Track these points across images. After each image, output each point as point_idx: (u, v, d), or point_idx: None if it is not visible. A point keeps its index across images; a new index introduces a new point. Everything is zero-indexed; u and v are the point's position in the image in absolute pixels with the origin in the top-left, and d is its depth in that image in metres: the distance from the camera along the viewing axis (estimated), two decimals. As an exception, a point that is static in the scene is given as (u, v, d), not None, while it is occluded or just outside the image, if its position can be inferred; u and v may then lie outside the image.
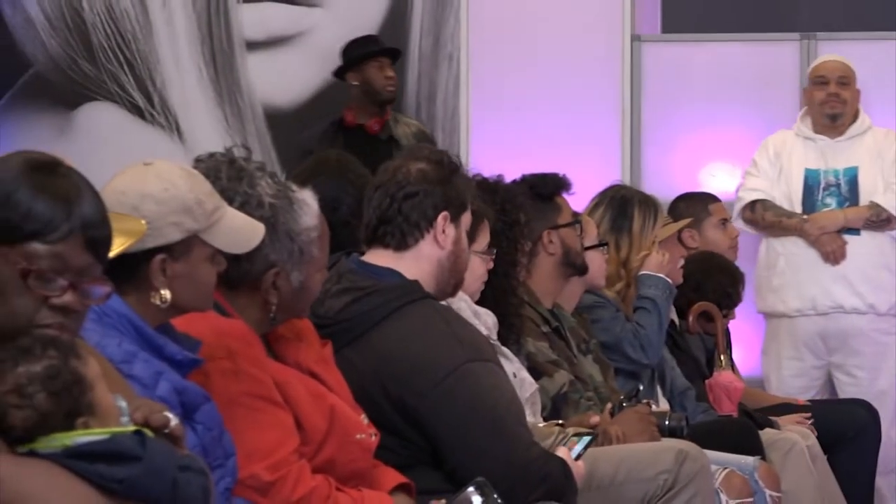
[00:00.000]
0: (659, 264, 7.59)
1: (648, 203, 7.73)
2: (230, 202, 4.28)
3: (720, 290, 8.23)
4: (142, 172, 4.07)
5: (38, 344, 3.22)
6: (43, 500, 3.11)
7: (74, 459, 3.11)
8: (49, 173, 3.34)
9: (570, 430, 5.53)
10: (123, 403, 3.27)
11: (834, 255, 8.71)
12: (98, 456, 3.13)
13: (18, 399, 3.17)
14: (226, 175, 4.43)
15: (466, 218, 5.34)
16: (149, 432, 3.29)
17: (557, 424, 5.80)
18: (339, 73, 9.94)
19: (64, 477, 3.11)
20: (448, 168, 5.35)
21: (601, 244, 7.25)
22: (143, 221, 3.92)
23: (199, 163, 4.58)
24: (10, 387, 3.17)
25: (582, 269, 6.91)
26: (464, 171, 5.68)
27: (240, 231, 4.17)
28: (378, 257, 5.16)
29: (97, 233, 3.33)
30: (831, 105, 8.86)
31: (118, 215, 3.72)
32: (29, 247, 3.26)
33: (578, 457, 5.14)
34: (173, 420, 3.24)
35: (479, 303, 5.94)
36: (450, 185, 5.26)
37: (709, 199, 8.73)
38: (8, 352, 3.21)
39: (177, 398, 3.86)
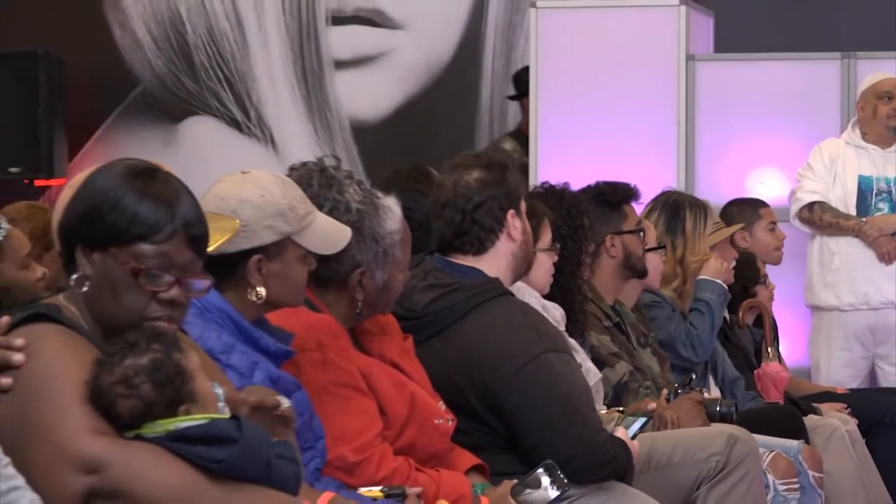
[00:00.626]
0: (717, 271, 7.54)
1: (698, 205, 7.72)
2: (320, 207, 4.40)
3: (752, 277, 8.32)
4: (240, 180, 4.21)
5: (143, 338, 3.36)
6: (149, 480, 3.26)
7: (177, 442, 3.28)
8: (150, 179, 3.49)
9: (633, 415, 5.63)
10: (220, 391, 3.44)
11: (889, 256, 8.68)
12: (198, 439, 3.30)
13: (126, 389, 3.33)
14: (317, 182, 4.53)
15: (523, 204, 5.43)
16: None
17: (618, 411, 5.75)
18: (514, 97, 9.98)
19: (168, 458, 3.26)
20: (499, 168, 5.43)
21: (660, 247, 7.27)
22: (236, 220, 4.08)
23: (292, 171, 4.70)
24: (119, 378, 3.32)
25: (642, 273, 6.97)
26: (510, 163, 5.75)
27: (329, 234, 4.29)
28: (459, 258, 5.28)
29: (197, 231, 3.48)
30: (870, 116, 8.81)
31: (213, 214, 3.89)
32: (137, 247, 3.41)
33: (634, 436, 5.28)
34: (285, 402, 3.45)
35: (546, 298, 5.98)
36: (507, 184, 5.33)
37: (759, 204, 8.62)
38: (117, 346, 3.37)
39: (271, 386, 3.97)
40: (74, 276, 3.53)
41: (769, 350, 8.09)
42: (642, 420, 5.54)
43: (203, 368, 3.51)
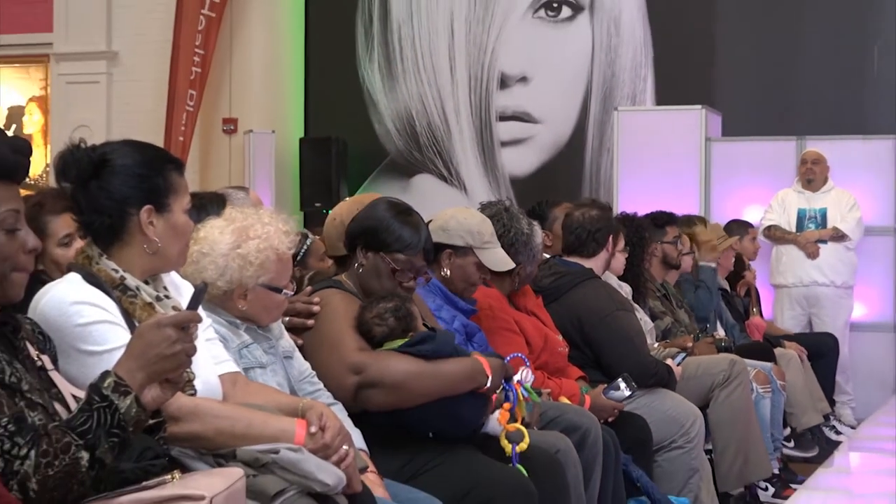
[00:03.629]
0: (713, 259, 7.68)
1: (703, 221, 8.06)
2: (508, 230, 4.87)
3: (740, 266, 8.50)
4: (456, 210, 4.76)
5: (390, 295, 3.79)
6: (393, 370, 3.65)
7: (406, 348, 3.68)
8: (407, 214, 3.93)
9: (673, 349, 6.06)
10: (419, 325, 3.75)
11: (813, 254, 9.16)
12: (414, 344, 3.70)
13: (379, 321, 3.72)
14: (506, 216, 4.98)
15: (619, 234, 5.84)
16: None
17: (664, 344, 6.25)
18: None
19: (402, 357, 3.69)
20: (608, 209, 5.99)
21: (691, 252, 7.45)
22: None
23: (483, 207, 5.10)
24: (375, 314, 3.71)
25: (676, 266, 7.21)
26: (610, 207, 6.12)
27: (499, 261, 4.69)
28: (572, 258, 5.72)
29: (428, 247, 3.94)
30: (804, 174, 9.35)
31: None
32: (396, 255, 3.86)
33: (679, 364, 5.70)
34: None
35: (620, 279, 6.25)
36: (611, 220, 5.84)
37: (747, 224, 9.07)
38: (374, 297, 3.78)
39: (463, 329, 4.36)
40: (356, 264, 3.94)
41: (754, 310, 8.65)
42: (683, 354, 5.92)
43: (421, 313, 3.90)
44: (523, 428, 3.91)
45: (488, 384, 3.76)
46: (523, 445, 3.89)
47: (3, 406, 2.24)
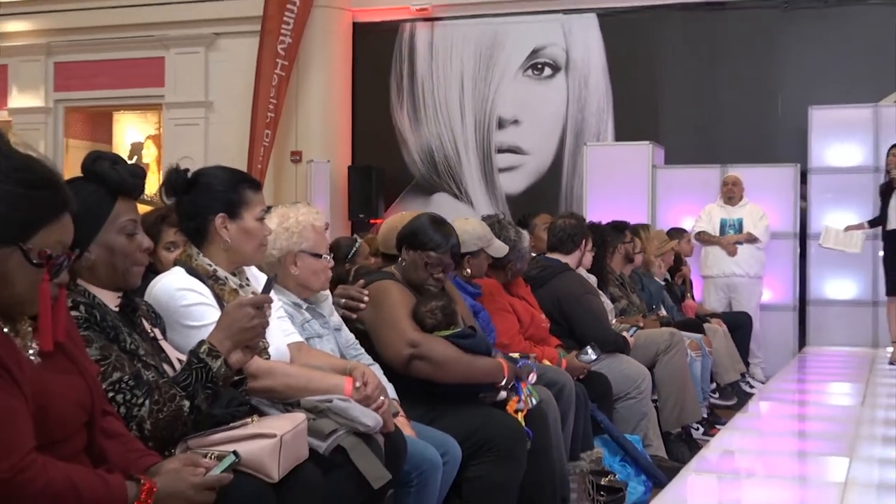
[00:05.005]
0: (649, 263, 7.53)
1: (647, 229, 7.90)
2: (498, 236, 4.77)
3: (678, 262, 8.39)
4: (466, 221, 4.62)
5: (440, 293, 3.72)
6: (440, 351, 3.58)
7: (453, 338, 3.62)
8: (441, 223, 3.89)
9: (627, 324, 5.98)
10: (461, 322, 3.68)
11: (731, 252, 9.03)
12: (457, 336, 3.63)
13: (430, 315, 3.65)
14: (498, 226, 4.88)
15: (588, 237, 5.79)
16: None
17: (620, 321, 6.15)
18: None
19: (447, 343, 3.61)
20: (582, 219, 5.98)
21: (641, 251, 7.37)
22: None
23: (484, 218, 5.04)
24: (428, 309, 3.64)
25: (631, 261, 7.13)
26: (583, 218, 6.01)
27: (499, 248, 4.68)
28: (553, 255, 5.65)
29: (455, 250, 3.88)
30: (726, 193, 9.20)
31: None
32: (429, 253, 3.79)
33: (632, 335, 5.70)
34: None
35: (589, 271, 6.07)
36: (583, 227, 5.81)
37: (683, 231, 8.99)
38: (429, 295, 3.69)
39: (471, 309, 4.27)
40: (400, 259, 3.89)
41: (688, 295, 8.55)
42: (635, 328, 5.87)
43: (462, 315, 3.81)
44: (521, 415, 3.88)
45: (503, 382, 3.73)
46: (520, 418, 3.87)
47: (125, 366, 2.25)
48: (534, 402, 3.81)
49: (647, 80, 10.55)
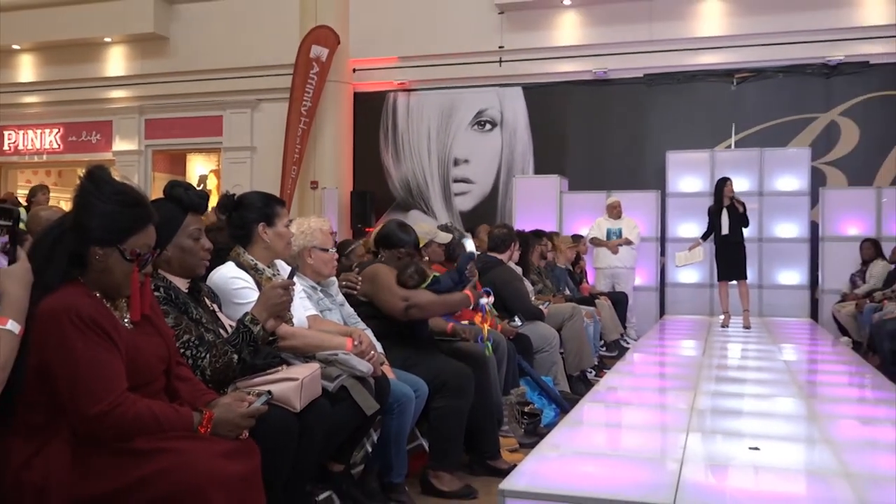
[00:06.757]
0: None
1: (558, 235, 7.80)
2: (452, 239, 4.59)
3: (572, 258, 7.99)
4: (418, 224, 4.39)
5: (409, 262, 3.64)
6: (423, 297, 3.44)
7: (428, 287, 3.52)
8: (404, 225, 3.79)
9: (543, 301, 5.73)
10: (430, 273, 3.54)
11: (614, 251, 8.75)
12: (431, 285, 3.53)
13: (410, 278, 3.53)
14: (453, 228, 4.88)
15: (516, 241, 5.51)
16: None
17: (538, 299, 5.91)
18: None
19: (427, 292, 3.49)
20: (510, 229, 5.75)
21: (552, 251, 7.12)
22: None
23: (440, 227, 4.90)
24: (407, 275, 3.53)
25: (545, 258, 6.87)
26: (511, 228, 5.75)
27: (442, 237, 4.54)
28: (492, 253, 5.49)
29: (416, 243, 3.77)
30: (610, 210, 8.95)
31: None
32: (399, 250, 3.73)
33: (546, 308, 5.42)
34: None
35: (517, 264, 5.88)
36: (513, 234, 5.67)
37: (581, 236, 8.70)
38: (403, 267, 3.57)
39: (450, 282, 3.66)
40: (380, 255, 3.75)
41: (584, 280, 8.32)
42: (547, 303, 5.71)
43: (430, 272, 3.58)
44: (486, 325, 3.91)
45: (471, 305, 3.65)
46: (485, 332, 3.90)
47: (192, 331, 2.23)
48: (491, 315, 3.79)
49: (557, 132, 10.37)
